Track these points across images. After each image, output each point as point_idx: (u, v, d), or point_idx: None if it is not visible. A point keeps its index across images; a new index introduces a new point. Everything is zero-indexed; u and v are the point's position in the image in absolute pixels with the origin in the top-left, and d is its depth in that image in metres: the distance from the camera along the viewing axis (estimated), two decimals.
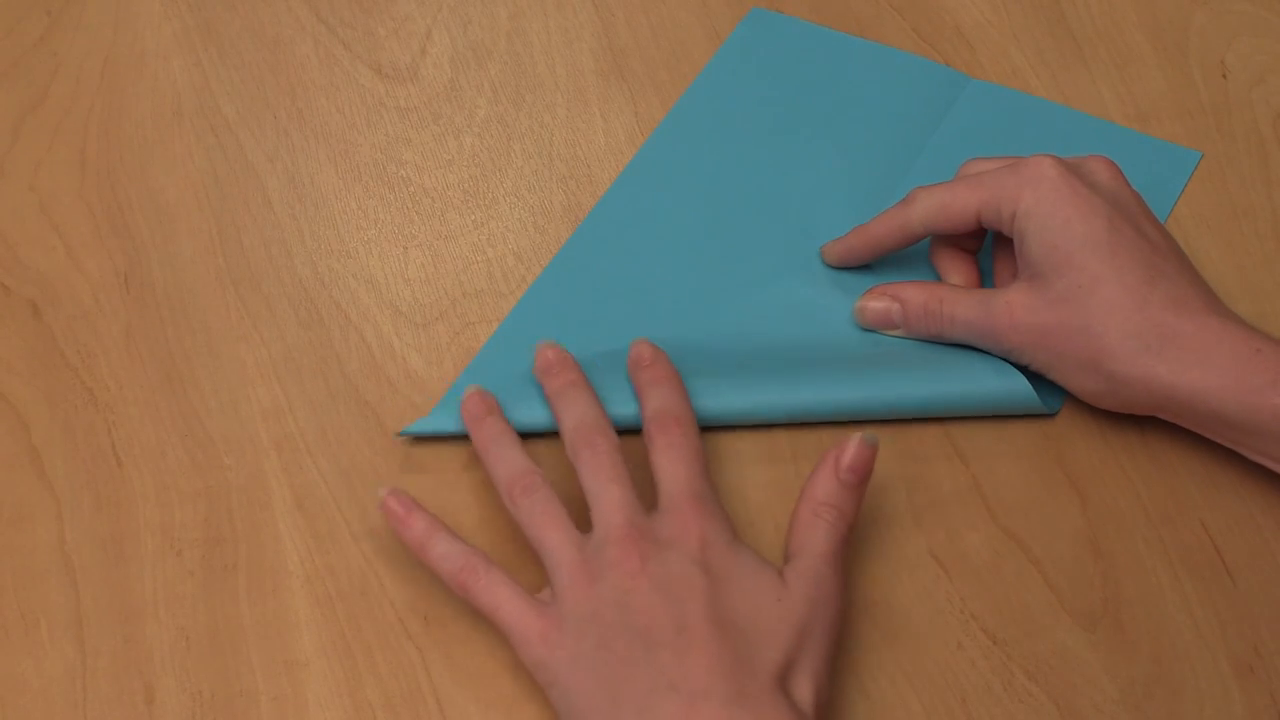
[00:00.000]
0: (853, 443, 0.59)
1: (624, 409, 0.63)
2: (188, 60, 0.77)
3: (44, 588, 0.61)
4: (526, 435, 0.63)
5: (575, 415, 0.62)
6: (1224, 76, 0.76)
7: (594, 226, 0.71)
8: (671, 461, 0.60)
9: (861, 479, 0.59)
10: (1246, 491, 0.63)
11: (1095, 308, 0.61)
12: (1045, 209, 0.62)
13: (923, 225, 0.65)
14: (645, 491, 0.59)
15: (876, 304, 0.66)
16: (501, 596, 0.57)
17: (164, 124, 0.75)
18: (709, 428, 0.65)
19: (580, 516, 0.59)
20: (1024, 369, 0.64)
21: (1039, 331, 0.62)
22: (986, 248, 0.69)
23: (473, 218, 0.72)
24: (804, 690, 0.54)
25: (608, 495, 0.58)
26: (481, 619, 0.60)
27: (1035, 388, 0.64)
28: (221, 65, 0.77)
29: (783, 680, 0.54)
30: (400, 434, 0.65)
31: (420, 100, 0.76)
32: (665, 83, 0.76)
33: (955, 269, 0.67)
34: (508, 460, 0.61)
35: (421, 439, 0.65)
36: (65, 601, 0.61)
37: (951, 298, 0.65)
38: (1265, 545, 0.62)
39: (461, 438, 0.65)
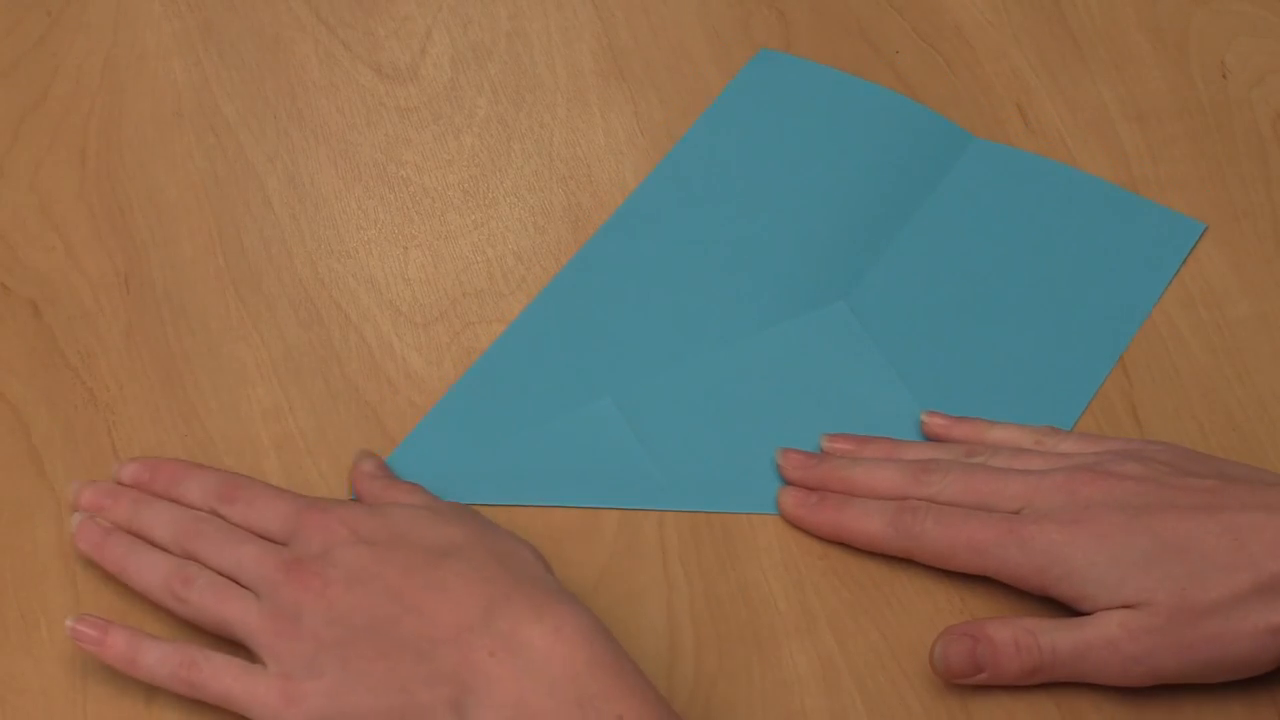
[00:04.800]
0: None
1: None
2: (188, 60, 0.77)
3: (44, 588, 0.61)
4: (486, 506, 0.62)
5: (165, 522, 0.59)
6: (1224, 76, 0.76)
7: (573, 275, 0.69)
8: (260, 509, 0.59)
9: None
10: None
11: (1210, 600, 0.55)
12: (1083, 559, 0.56)
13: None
14: None
15: (958, 646, 0.58)
16: (229, 678, 0.55)
17: (164, 124, 0.74)
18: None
19: None
20: None
21: (1163, 648, 0.56)
22: None
23: (473, 218, 0.72)
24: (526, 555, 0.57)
25: (246, 555, 0.57)
26: None
27: None
28: (221, 65, 0.77)
29: (502, 559, 0.55)
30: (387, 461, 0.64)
31: (420, 100, 0.76)
32: (665, 83, 0.76)
33: None
34: (153, 563, 0.58)
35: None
36: (65, 601, 0.61)
37: (1041, 625, 0.57)
38: None
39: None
